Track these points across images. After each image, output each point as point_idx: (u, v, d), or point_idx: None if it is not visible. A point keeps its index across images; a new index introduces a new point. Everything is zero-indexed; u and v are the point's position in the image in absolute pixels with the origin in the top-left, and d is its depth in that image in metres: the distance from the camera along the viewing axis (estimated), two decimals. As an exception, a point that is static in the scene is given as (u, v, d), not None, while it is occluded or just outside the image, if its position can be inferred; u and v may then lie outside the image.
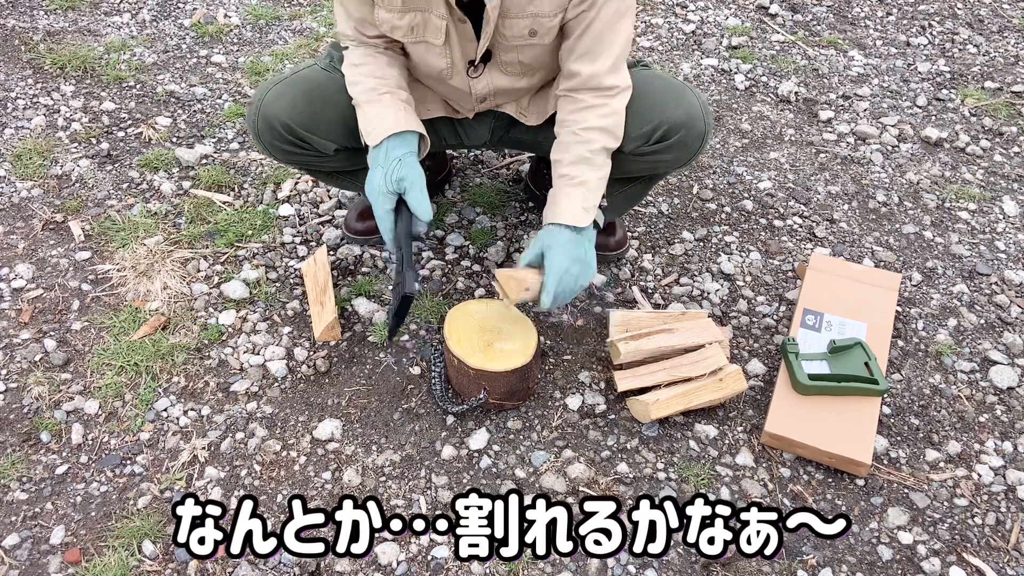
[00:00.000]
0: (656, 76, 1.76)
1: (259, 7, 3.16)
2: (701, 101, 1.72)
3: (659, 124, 1.69)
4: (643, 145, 1.72)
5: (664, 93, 1.70)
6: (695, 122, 1.70)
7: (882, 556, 1.55)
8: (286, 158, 1.82)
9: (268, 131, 1.74)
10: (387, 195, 1.61)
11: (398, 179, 1.59)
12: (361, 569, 1.52)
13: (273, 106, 1.72)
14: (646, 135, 1.70)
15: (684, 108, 1.69)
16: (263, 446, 1.71)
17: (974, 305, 2.07)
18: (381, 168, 1.61)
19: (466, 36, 1.62)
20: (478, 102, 1.79)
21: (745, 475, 1.68)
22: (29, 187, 2.31)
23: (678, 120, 1.69)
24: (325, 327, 1.86)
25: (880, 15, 3.26)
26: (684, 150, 1.74)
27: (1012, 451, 1.74)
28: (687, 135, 1.70)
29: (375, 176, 1.63)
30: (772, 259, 2.18)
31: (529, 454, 1.70)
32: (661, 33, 3.10)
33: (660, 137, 1.70)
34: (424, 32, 1.62)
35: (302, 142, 1.75)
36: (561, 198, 1.64)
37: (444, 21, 1.58)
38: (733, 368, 1.75)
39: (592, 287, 2.03)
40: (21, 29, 2.95)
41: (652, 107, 1.69)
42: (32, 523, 1.58)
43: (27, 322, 1.95)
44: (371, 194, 1.64)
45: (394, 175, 1.59)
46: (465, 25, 1.60)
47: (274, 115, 1.72)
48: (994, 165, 2.52)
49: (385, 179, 1.60)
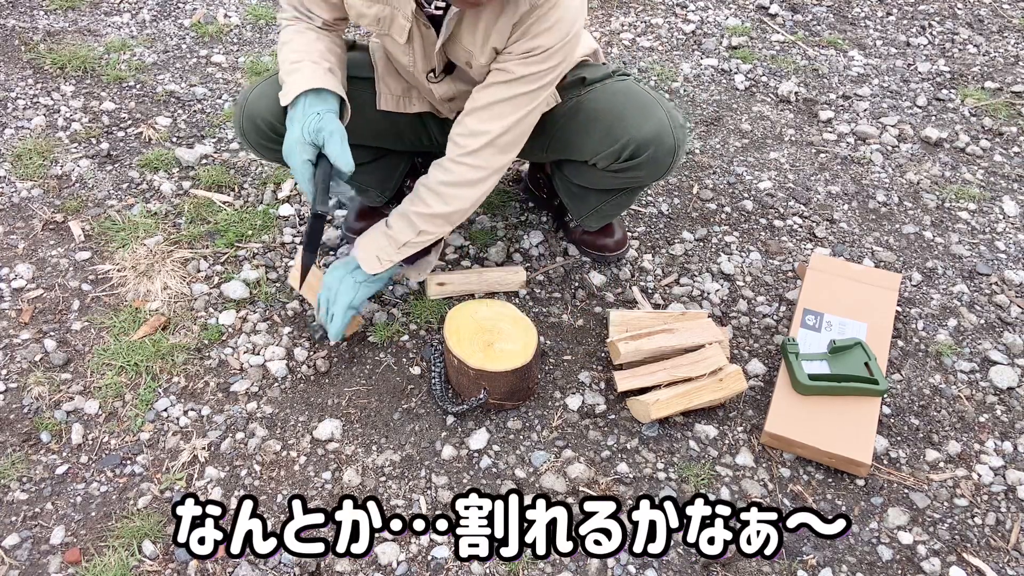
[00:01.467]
0: (627, 91, 1.73)
1: (259, 7, 3.16)
2: (671, 116, 1.69)
3: (627, 142, 1.68)
4: (615, 162, 1.72)
5: (632, 110, 1.69)
6: (663, 139, 1.68)
7: (882, 556, 1.56)
8: (273, 156, 1.81)
9: (253, 130, 1.75)
10: (305, 146, 1.55)
11: (316, 130, 1.54)
12: (361, 569, 1.52)
13: (257, 105, 1.73)
14: (615, 153, 1.70)
15: (652, 124, 1.67)
16: (263, 446, 1.71)
17: (974, 305, 2.07)
18: (298, 123, 1.56)
19: (429, 41, 1.62)
20: (445, 101, 1.79)
21: (745, 475, 1.68)
22: (29, 187, 2.31)
23: (646, 137, 1.67)
24: (353, 321, 1.86)
25: (880, 15, 3.26)
26: (656, 166, 1.72)
27: (1012, 451, 1.74)
28: (656, 152, 1.69)
29: (292, 131, 1.57)
30: (772, 259, 2.18)
31: (529, 454, 1.70)
32: (661, 33, 3.10)
33: (630, 155, 1.70)
34: (390, 28, 1.62)
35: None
36: (367, 237, 1.77)
37: (408, 23, 1.58)
38: (733, 368, 1.75)
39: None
40: (21, 29, 2.95)
41: (620, 125, 1.68)
42: (32, 523, 1.58)
43: (27, 322, 1.95)
44: (288, 149, 1.58)
45: (312, 126, 1.54)
46: (429, 31, 1.60)
47: (258, 113, 1.72)
48: (994, 165, 2.52)
49: (303, 130, 1.55)
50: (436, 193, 1.68)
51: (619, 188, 1.87)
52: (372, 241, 1.76)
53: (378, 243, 1.75)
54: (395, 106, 1.84)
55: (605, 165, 1.74)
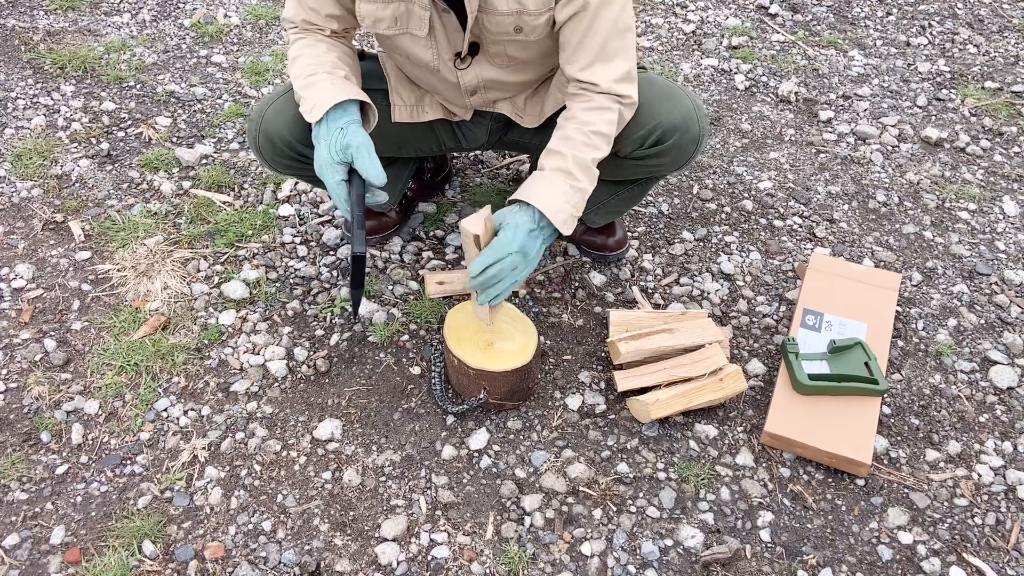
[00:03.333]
0: (652, 79, 1.74)
1: (259, 7, 3.16)
2: (696, 104, 1.71)
3: (654, 128, 1.68)
4: (638, 149, 1.72)
5: (659, 97, 1.69)
6: (690, 125, 1.69)
7: (882, 556, 1.56)
8: (287, 172, 1.82)
9: (269, 147, 1.74)
10: (335, 166, 1.55)
11: (343, 147, 1.54)
12: (361, 569, 1.52)
13: (274, 123, 1.72)
14: (641, 139, 1.70)
15: (679, 111, 1.68)
16: (263, 446, 1.71)
17: (974, 305, 2.07)
18: (324, 141, 1.56)
19: (451, 27, 1.60)
20: (469, 94, 1.76)
21: (745, 475, 1.68)
22: (29, 187, 2.31)
23: (673, 123, 1.68)
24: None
25: (880, 15, 3.26)
26: (680, 153, 1.73)
27: (1012, 451, 1.74)
28: (682, 138, 1.70)
29: (320, 151, 1.57)
30: (772, 259, 2.18)
31: (529, 454, 1.70)
32: (661, 33, 3.10)
33: (655, 141, 1.70)
34: (408, 23, 1.60)
35: (303, 157, 1.75)
36: (551, 188, 1.54)
37: (427, 12, 1.56)
38: (733, 368, 1.75)
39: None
40: (21, 29, 2.95)
41: (647, 111, 1.68)
42: (32, 523, 1.58)
43: (27, 322, 1.95)
44: (320, 170, 1.58)
45: (337, 144, 1.55)
46: (449, 16, 1.57)
47: (275, 132, 1.72)
48: (994, 165, 2.52)
49: (330, 150, 1.55)
50: (607, 137, 1.59)
51: (634, 180, 1.87)
52: (560, 198, 1.53)
53: (570, 200, 1.54)
54: (409, 116, 1.84)
55: (629, 152, 1.72)
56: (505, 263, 1.52)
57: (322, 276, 2.07)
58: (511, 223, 1.53)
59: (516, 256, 1.52)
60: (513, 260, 1.52)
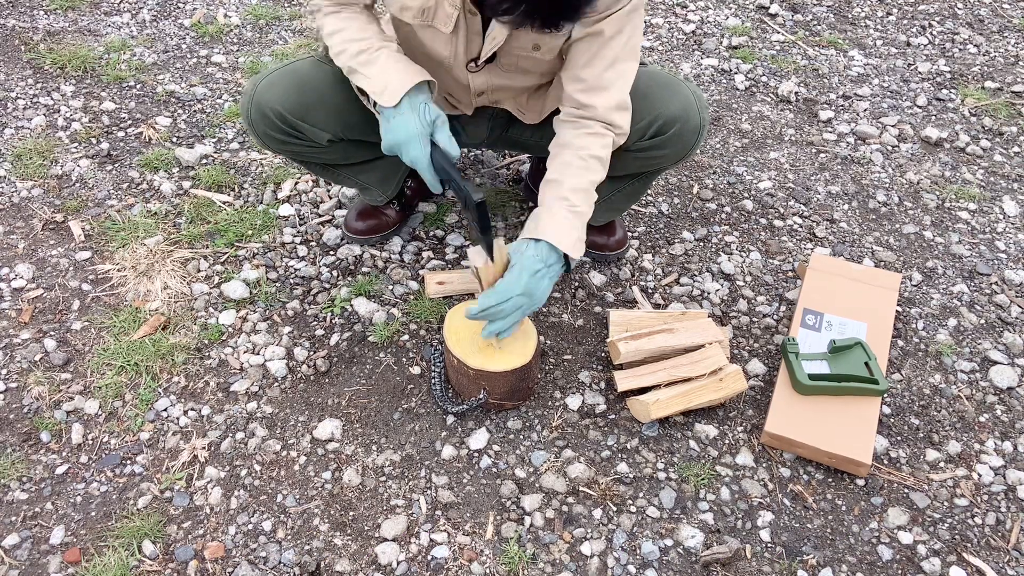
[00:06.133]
0: (651, 72, 1.76)
1: (259, 7, 3.16)
2: (696, 95, 1.72)
3: (655, 118, 1.70)
4: (639, 140, 1.72)
5: (659, 88, 1.71)
6: (690, 116, 1.71)
7: (882, 556, 1.55)
8: (279, 147, 1.81)
9: (261, 120, 1.74)
10: (425, 138, 1.59)
11: (431, 120, 1.59)
12: (361, 569, 1.52)
13: (266, 95, 1.72)
14: (642, 130, 1.71)
15: (679, 102, 1.70)
16: (263, 446, 1.71)
17: (974, 305, 2.07)
18: (411, 115, 1.58)
19: (473, 29, 1.61)
20: (475, 95, 1.79)
21: (745, 475, 1.68)
22: (29, 187, 2.31)
23: (673, 114, 1.69)
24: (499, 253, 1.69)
25: (880, 15, 3.26)
26: (680, 144, 1.74)
27: (1012, 451, 1.74)
28: (682, 129, 1.71)
29: (409, 121, 1.58)
30: (772, 259, 2.18)
31: (529, 454, 1.70)
32: (661, 33, 3.10)
33: (656, 131, 1.71)
34: (434, 17, 1.61)
35: (295, 131, 1.75)
36: (554, 219, 1.60)
37: (456, 11, 1.57)
38: (733, 368, 1.75)
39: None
40: (21, 29, 2.95)
41: (647, 102, 1.69)
42: (32, 523, 1.58)
43: (27, 322, 1.95)
44: (407, 139, 1.59)
45: (427, 117, 1.58)
46: (475, 18, 1.58)
47: (267, 103, 1.72)
48: (994, 165, 2.52)
49: (420, 121, 1.58)
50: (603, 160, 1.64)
51: (635, 173, 1.87)
52: (564, 225, 1.61)
53: (574, 225, 1.62)
54: None
55: (630, 143, 1.73)
56: (507, 305, 1.59)
57: (322, 276, 2.07)
58: (517, 265, 1.59)
59: (520, 298, 1.59)
60: (517, 302, 1.59)
